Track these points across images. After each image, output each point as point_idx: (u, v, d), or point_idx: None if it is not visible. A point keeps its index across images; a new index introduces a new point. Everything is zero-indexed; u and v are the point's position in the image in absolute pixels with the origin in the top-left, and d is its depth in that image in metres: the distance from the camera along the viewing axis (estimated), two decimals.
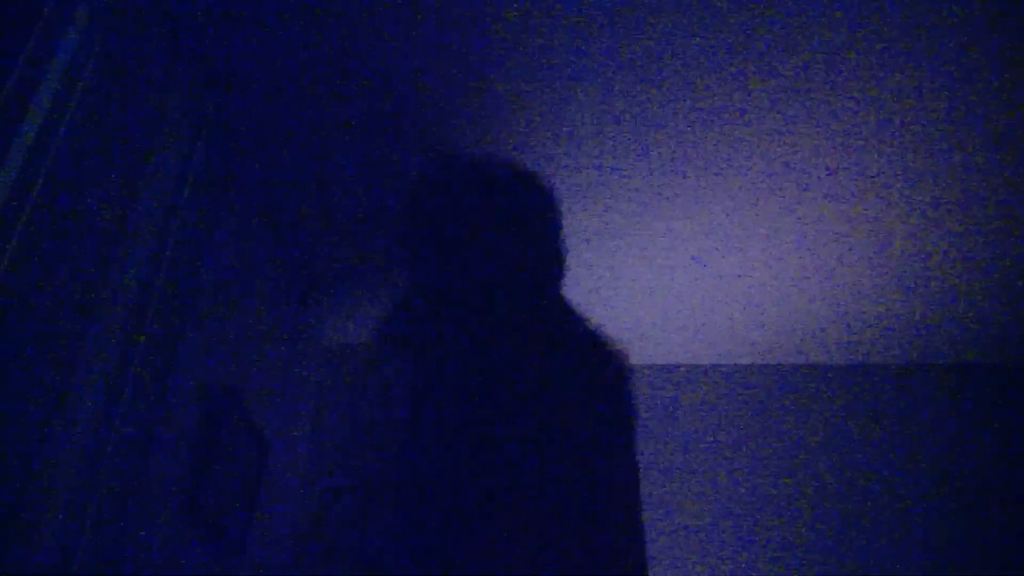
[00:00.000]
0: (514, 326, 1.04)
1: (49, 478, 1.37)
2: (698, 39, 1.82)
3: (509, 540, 0.92)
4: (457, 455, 0.98)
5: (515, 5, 1.76)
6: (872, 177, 2.15)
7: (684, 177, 2.20)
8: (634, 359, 3.12)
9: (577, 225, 2.41)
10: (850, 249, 2.41)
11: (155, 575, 1.75)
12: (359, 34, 1.84)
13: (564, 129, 2.07)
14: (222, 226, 2.10)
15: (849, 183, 2.18)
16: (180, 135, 1.84)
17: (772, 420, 2.95)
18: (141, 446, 1.66)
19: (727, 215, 2.32)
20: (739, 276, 2.57)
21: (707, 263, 2.52)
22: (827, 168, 2.14)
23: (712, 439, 2.94)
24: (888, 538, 2.70)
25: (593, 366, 1.04)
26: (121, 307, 1.59)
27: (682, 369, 3.10)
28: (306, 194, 2.34)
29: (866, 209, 2.26)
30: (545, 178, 1.20)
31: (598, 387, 1.02)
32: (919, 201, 2.22)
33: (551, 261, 1.16)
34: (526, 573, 0.90)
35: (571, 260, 2.55)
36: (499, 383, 0.98)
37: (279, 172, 2.26)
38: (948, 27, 1.75)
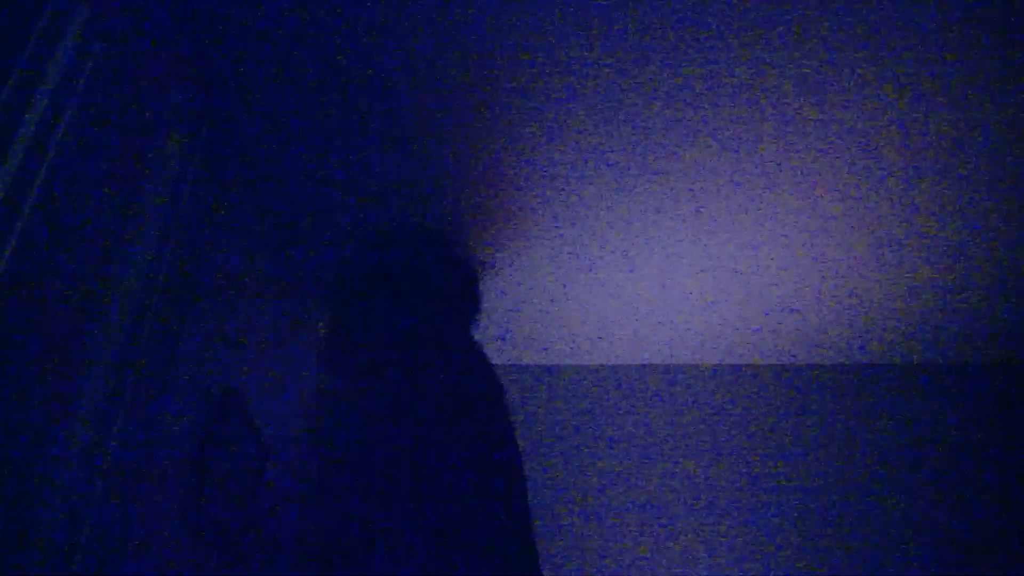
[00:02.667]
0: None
1: (49, 478, 1.37)
2: (693, 35, 1.82)
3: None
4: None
5: (512, 7, 1.76)
6: (872, 177, 2.15)
7: (684, 177, 2.20)
8: (634, 359, 3.12)
9: (575, 225, 2.41)
10: (850, 249, 2.41)
11: (155, 575, 1.75)
12: (358, 33, 1.84)
13: (556, 129, 2.07)
14: (222, 226, 2.10)
15: (849, 183, 2.18)
16: (180, 135, 1.84)
17: (772, 420, 2.94)
18: (141, 446, 1.66)
19: (727, 215, 2.32)
20: (739, 276, 2.57)
21: (707, 263, 2.52)
22: (827, 168, 2.14)
23: (712, 439, 2.94)
24: (888, 538, 2.70)
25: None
26: (121, 307, 1.59)
27: (682, 369, 3.11)
28: (306, 194, 2.34)
29: (866, 209, 2.26)
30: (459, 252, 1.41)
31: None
32: (919, 201, 2.22)
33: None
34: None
35: (570, 261, 2.55)
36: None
37: (279, 172, 2.26)
38: (950, 26, 1.75)
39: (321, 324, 1.34)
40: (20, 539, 1.29)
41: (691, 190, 2.24)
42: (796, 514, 2.76)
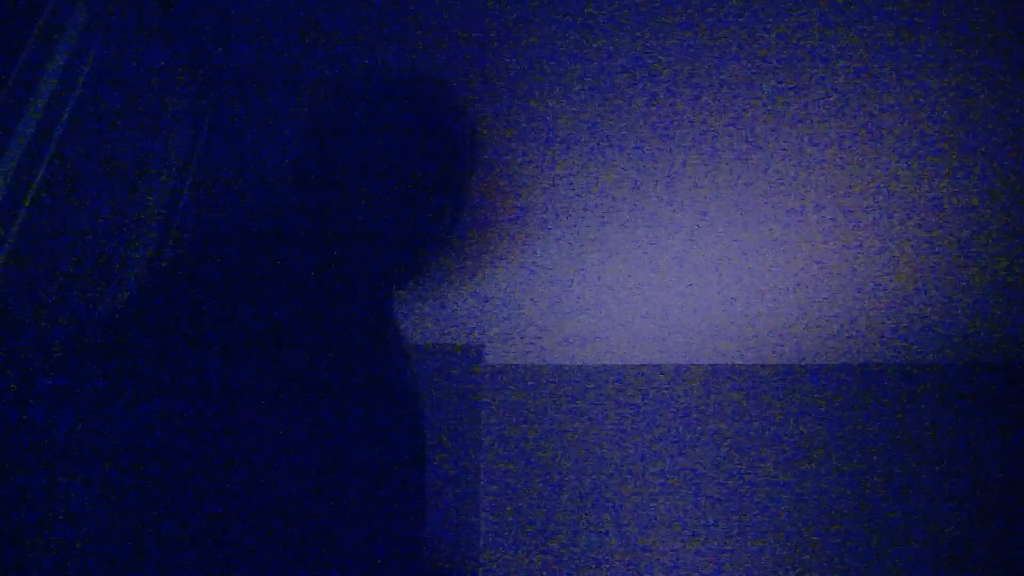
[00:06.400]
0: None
1: (49, 478, 1.37)
2: (694, 34, 1.82)
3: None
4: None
5: (512, 5, 1.76)
6: (872, 177, 2.15)
7: (683, 175, 2.20)
8: (633, 359, 3.12)
9: (575, 224, 2.41)
10: (851, 249, 2.41)
11: (155, 575, 1.75)
12: (358, 33, 1.84)
13: (556, 126, 2.07)
14: (222, 226, 2.10)
15: (849, 183, 2.18)
16: (180, 135, 1.84)
17: (772, 420, 2.95)
18: (141, 446, 1.66)
19: (727, 214, 2.32)
20: (739, 276, 2.57)
21: (707, 263, 2.52)
22: (827, 167, 2.14)
23: (711, 439, 2.94)
24: (888, 538, 2.70)
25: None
26: (121, 306, 1.59)
27: (680, 369, 3.11)
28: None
29: (866, 209, 2.26)
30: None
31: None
32: (919, 201, 2.22)
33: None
34: None
35: (571, 261, 2.55)
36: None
37: (279, 172, 2.26)
38: (951, 26, 1.75)
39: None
40: (20, 539, 1.29)
41: (692, 191, 2.24)
42: (795, 514, 2.76)
